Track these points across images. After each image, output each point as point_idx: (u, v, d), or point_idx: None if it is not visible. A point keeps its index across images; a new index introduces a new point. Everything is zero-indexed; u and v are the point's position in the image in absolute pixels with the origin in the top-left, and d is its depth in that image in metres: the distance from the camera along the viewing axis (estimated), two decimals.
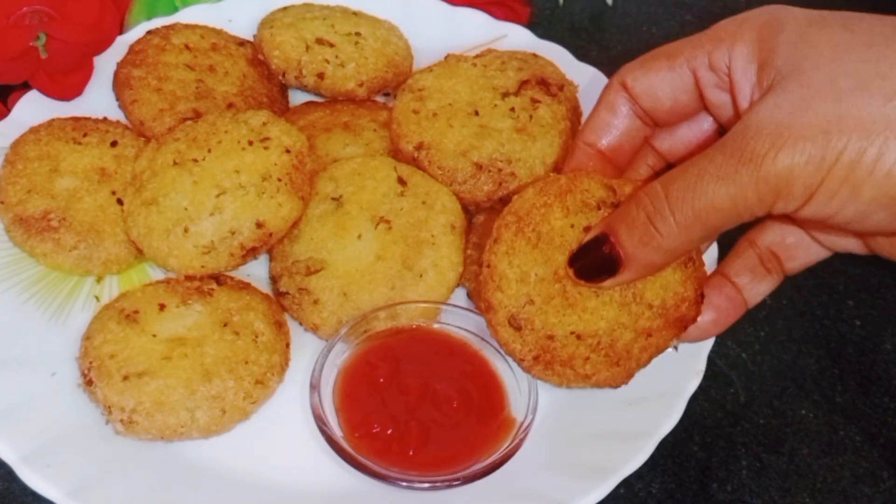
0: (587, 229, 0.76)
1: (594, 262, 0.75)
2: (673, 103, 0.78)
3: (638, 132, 0.82)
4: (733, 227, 0.69)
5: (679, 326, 0.80)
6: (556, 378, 0.79)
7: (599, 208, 0.77)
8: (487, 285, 0.78)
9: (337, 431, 0.84)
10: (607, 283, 0.75)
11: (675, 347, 0.82)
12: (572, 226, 0.77)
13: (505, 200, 1.00)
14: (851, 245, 0.79)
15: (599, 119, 0.82)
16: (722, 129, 0.80)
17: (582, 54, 1.20)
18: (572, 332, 0.77)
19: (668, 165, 0.85)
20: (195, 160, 0.95)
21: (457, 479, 0.80)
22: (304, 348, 0.93)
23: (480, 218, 1.02)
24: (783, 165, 0.63)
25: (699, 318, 0.81)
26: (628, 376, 0.81)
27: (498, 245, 0.77)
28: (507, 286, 0.76)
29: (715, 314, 0.81)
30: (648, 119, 0.81)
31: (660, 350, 0.81)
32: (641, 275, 0.75)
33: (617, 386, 0.80)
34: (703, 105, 0.78)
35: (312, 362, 0.88)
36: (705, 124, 0.82)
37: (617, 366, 0.79)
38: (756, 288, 0.82)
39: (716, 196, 0.66)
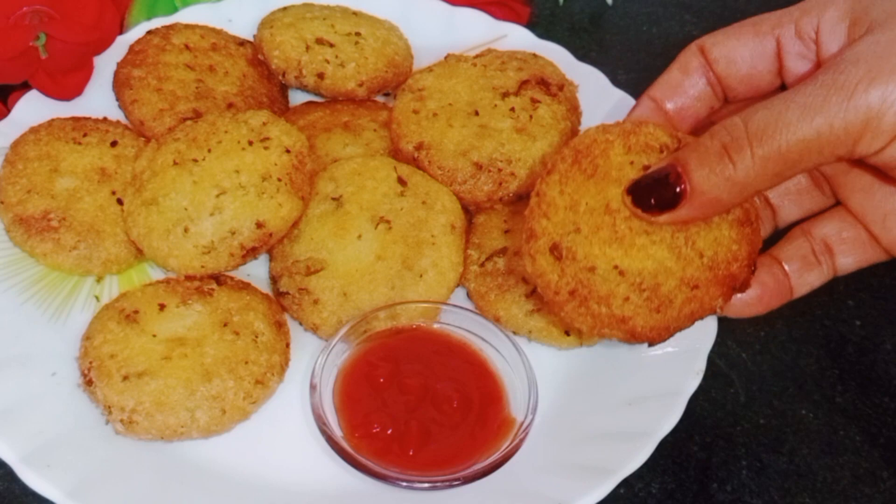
0: (647, 168, 0.72)
1: (655, 191, 0.69)
2: (750, 70, 0.76)
3: (706, 100, 0.78)
4: (811, 168, 0.66)
5: (727, 286, 0.73)
6: (590, 319, 0.71)
7: (662, 151, 0.73)
8: (533, 213, 0.73)
9: (337, 431, 0.84)
10: (664, 217, 0.70)
11: (720, 308, 0.74)
12: (632, 163, 0.73)
13: (505, 200, 1.00)
14: None
15: (671, 78, 0.78)
16: None
17: (582, 54, 1.20)
18: (615, 267, 0.71)
19: None
20: (195, 160, 0.95)
21: (457, 479, 0.80)
22: (304, 348, 0.93)
23: (480, 218, 1.02)
24: (876, 97, 0.62)
25: (745, 293, 0.75)
26: (666, 331, 0.73)
27: (551, 175, 0.73)
28: (554, 213, 0.72)
29: (760, 291, 0.76)
30: (720, 88, 0.78)
31: (703, 310, 0.73)
32: (704, 212, 0.70)
33: (653, 342, 0.73)
34: (781, 78, 0.76)
35: (312, 362, 0.88)
36: None
37: (658, 312, 0.71)
38: (804, 277, 0.78)
39: (800, 126, 0.63)
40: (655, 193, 0.69)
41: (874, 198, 0.75)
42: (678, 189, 0.68)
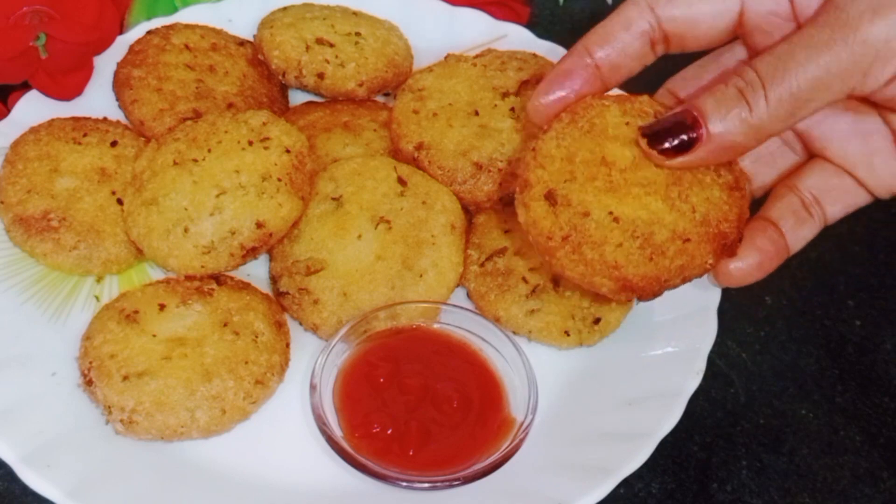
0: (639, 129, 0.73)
1: (672, 133, 0.70)
2: (709, 27, 0.74)
3: (640, 57, 0.75)
4: (823, 107, 0.67)
5: (717, 244, 0.73)
6: (581, 266, 0.71)
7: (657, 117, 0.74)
8: (528, 165, 0.73)
9: (337, 431, 0.84)
10: (679, 160, 0.70)
11: (710, 266, 0.74)
12: (628, 123, 0.74)
13: (505, 200, 1.00)
14: None
15: (610, 30, 0.74)
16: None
17: None
18: (610, 213, 0.71)
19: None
20: (195, 160, 0.95)
21: (457, 479, 0.80)
22: (304, 348, 0.93)
23: (480, 218, 1.02)
24: (882, 28, 0.63)
25: (743, 261, 0.75)
26: (657, 282, 0.73)
27: (547, 133, 0.73)
28: (549, 164, 0.72)
29: (759, 257, 0.76)
30: (661, 46, 0.76)
31: (693, 266, 0.73)
32: (719, 156, 0.70)
33: (643, 294, 0.73)
34: (739, 32, 0.76)
35: (312, 362, 0.88)
36: (731, 61, 0.80)
37: (650, 261, 0.71)
38: (799, 232, 0.79)
39: (809, 65, 0.65)
40: (671, 136, 0.70)
41: (855, 143, 0.77)
42: (694, 134, 0.68)
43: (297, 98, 1.16)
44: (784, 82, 0.65)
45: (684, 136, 0.69)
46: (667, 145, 0.70)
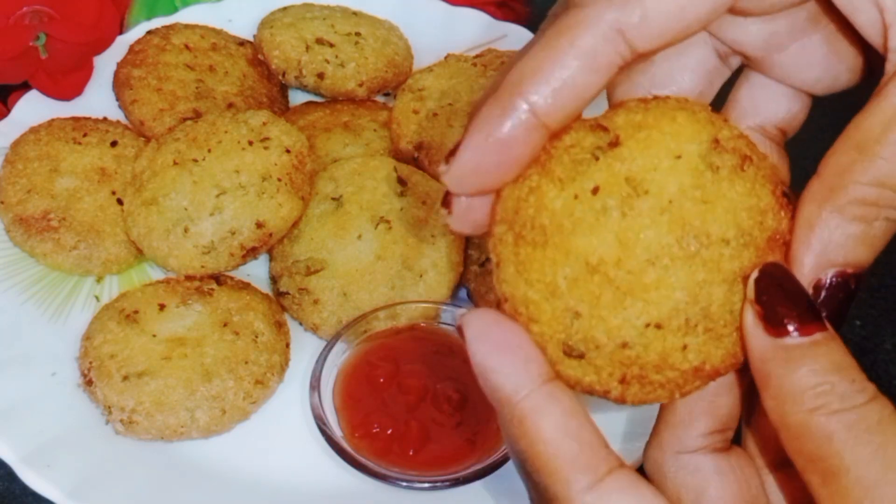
0: (597, 190, 0.52)
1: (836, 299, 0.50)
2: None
3: (599, 90, 0.51)
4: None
5: (776, 246, 0.54)
6: (662, 391, 0.55)
7: (598, 159, 0.53)
8: (513, 314, 0.56)
9: (337, 431, 0.84)
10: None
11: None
12: (576, 196, 0.53)
13: None
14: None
15: (559, 71, 0.47)
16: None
17: None
18: (647, 325, 0.53)
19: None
20: (195, 160, 0.95)
21: (457, 480, 0.80)
22: (304, 348, 0.93)
23: None
24: None
25: None
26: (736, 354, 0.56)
27: (502, 269, 0.55)
28: (538, 312, 0.54)
29: None
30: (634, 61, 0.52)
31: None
32: None
33: (740, 365, 0.56)
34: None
35: (312, 362, 0.88)
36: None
37: (727, 337, 0.54)
38: None
39: None
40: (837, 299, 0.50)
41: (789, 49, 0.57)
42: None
43: (297, 98, 1.16)
44: None
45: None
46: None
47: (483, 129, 0.48)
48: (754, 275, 0.49)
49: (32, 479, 0.79)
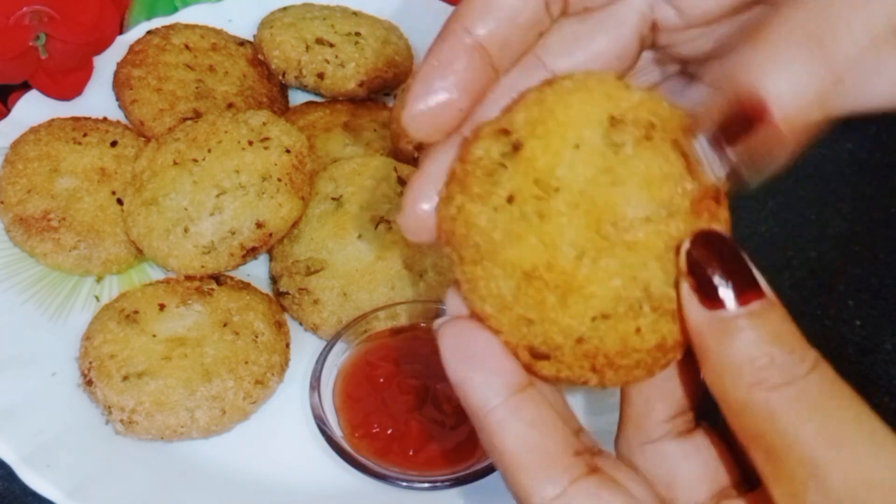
0: (512, 199, 0.50)
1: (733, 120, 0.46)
2: None
3: (535, 26, 0.52)
4: None
5: (705, 206, 0.50)
6: (639, 371, 0.53)
7: (506, 167, 0.51)
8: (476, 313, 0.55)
9: (337, 431, 0.84)
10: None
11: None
12: (496, 209, 0.51)
13: None
14: None
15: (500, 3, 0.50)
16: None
17: None
18: (594, 318, 0.51)
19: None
20: (195, 160, 0.95)
21: (457, 480, 0.80)
22: (304, 348, 0.93)
23: None
24: None
25: None
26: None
27: (462, 287, 0.54)
28: (499, 324, 0.53)
29: None
30: (559, 4, 0.52)
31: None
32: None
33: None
34: None
35: (312, 362, 0.88)
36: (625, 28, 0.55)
37: (677, 310, 0.52)
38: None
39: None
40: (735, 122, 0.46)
41: None
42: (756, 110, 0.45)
43: (297, 98, 1.16)
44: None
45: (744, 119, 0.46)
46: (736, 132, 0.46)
47: (428, 59, 0.51)
48: (685, 246, 0.47)
49: (32, 479, 0.79)
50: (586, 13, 0.53)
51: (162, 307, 0.90)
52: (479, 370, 0.49)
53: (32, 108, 1.06)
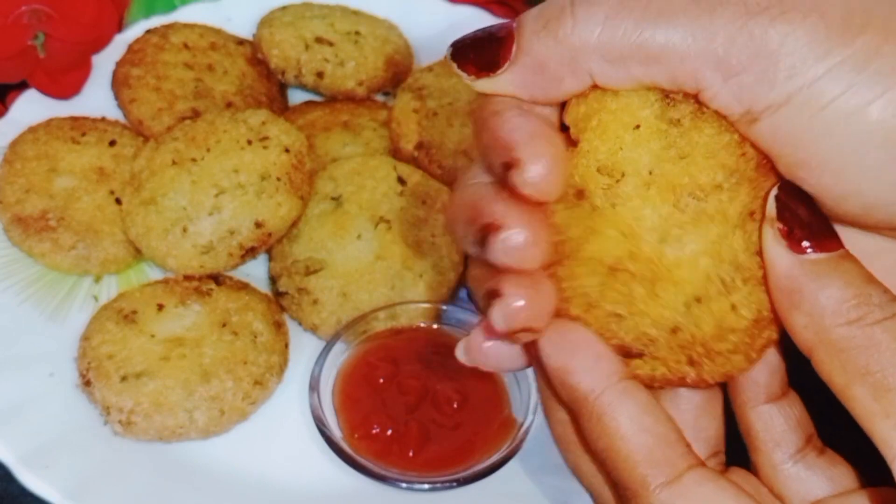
0: (582, 193, 0.50)
1: (480, 43, 0.51)
2: None
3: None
4: (646, 80, 0.48)
5: (766, 171, 0.49)
6: (737, 357, 0.52)
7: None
8: None
9: (336, 432, 0.83)
10: (482, 82, 0.51)
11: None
12: (569, 207, 0.52)
13: None
14: None
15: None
16: None
17: None
18: (687, 304, 0.50)
19: None
20: (194, 159, 0.95)
21: (457, 481, 0.80)
22: (304, 348, 0.93)
23: None
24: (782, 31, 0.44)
25: None
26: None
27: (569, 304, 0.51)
28: (588, 325, 0.51)
29: None
30: None
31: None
32: (529, 78, 0.50)
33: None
34: None
35: (312, 363, 0.87)
36: None
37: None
38: None
39: (659, 32, 0.46)
40: (478, 50, 0.52)
41: None
42: (503, 46, 0.50)
43: (296, 97, 1.16)
44: (619, 26, 0.46)
45: (492, 49, 0.50)
46: (472, 59, 0.51)
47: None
48: (774, 192, 0.48)
49: (30, 480, 0.78)
50: None
51: (160, 307, 0.89)
52: (582, 356, 0.49)
53: (30, 108, 1.05)
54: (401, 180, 0.98)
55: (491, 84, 0.51)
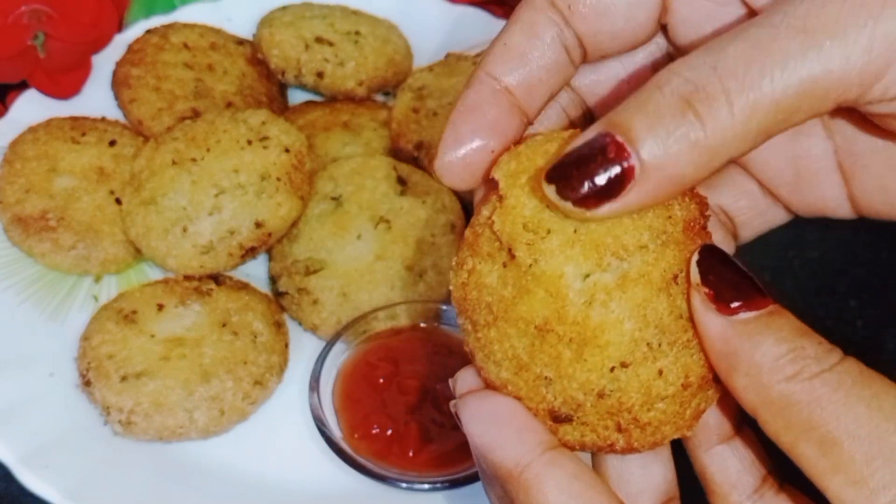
0: (513, 252, 0.49)
1: (589, 172, 0.45)
2: (626, 23, 0.53)
3: (559, 70, 0.53)
4: (805, 120, 0.45)
5: (694, 232, 0.49)
6: (666, 428, 0.50)
7: (494, 220, 0.50)
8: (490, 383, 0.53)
9: (336, 432, 0.83)
10: (605, 208, 0.45)
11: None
12: (504, 265, 0.50)
13: None
14: (830, 206, 0.58)
15: (513, 45, 0.52)
16: (670, 56, 0.57)
17: None
18: (613, 369, 0.48)
19: (589, 113, 0.59)
20: (194, 159, 0.95)
21: (457, 480, 0.80)
22: (304, 348, 0.93)
23: None
24: None
25: None
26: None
27: (476, 358, 0.52)
28: (516, 389, 0.50)
29: None
30: (579, 52, 0.53)
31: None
32: (661, 193, 0.46)
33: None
34: (660, 26, 0.55)
35: (312, 363, 0.87)
36: (640, 55, 0.57)
37: (693, 340, 0.49)
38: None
39: (797, 63, 0.43)
40: (589, 174, 0.45)
41: (786, 160, 0.58)
42: (622, 166, 0.45)
43: (296, 97, 1.16)
44: (756, 87, 0.44)
45: (609, 175, 0.45)
46: (586, 189, 0.45)
47: (456, 106, 0.51)
48: (695, 258, 0.47)
49: (30, 480, 0.78)
50: (603, 60, 0.55)
51: (160, 307, 0.89)
52: (507, 429, 0.48)
53: (31, 108, 1.05)
54: (401, 180, 0.98)
55: (612, 209, 0.46)
